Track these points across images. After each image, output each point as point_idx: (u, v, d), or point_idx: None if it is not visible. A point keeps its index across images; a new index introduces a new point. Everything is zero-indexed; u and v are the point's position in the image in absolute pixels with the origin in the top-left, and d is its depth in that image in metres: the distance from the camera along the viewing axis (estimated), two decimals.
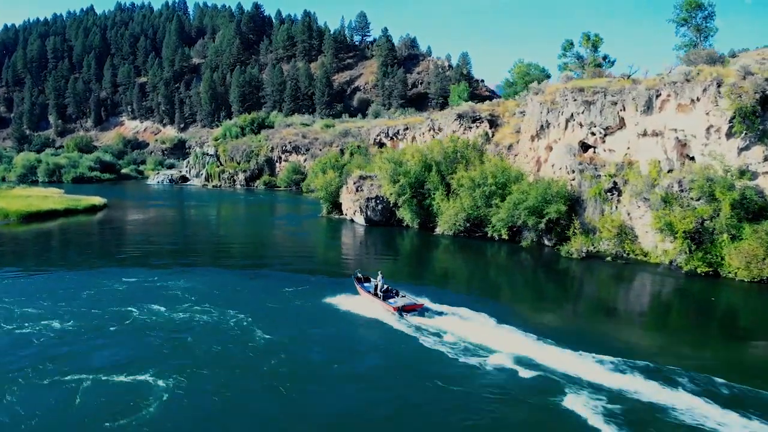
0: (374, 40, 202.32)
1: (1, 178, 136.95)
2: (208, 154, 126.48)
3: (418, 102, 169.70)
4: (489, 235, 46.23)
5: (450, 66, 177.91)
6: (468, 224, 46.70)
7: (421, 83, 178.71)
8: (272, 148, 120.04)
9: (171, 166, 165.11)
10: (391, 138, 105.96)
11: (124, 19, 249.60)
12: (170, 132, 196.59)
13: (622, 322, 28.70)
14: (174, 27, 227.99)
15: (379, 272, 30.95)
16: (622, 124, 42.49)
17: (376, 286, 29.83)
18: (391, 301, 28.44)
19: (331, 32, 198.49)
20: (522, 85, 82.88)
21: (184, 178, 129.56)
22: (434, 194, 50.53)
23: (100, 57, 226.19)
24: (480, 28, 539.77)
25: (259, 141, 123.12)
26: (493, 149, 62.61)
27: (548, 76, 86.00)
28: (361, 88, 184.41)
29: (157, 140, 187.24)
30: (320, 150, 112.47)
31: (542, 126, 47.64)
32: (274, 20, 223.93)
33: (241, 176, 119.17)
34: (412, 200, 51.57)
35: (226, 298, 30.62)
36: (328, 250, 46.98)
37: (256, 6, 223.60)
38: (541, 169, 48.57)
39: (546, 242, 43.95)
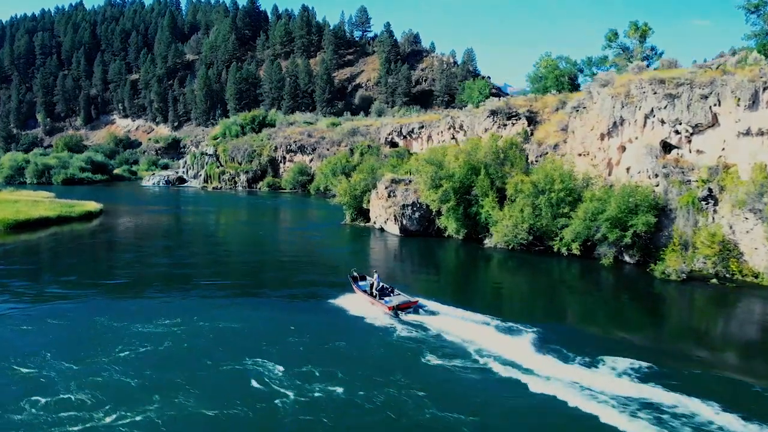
0: (375, 35, 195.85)
1: None
2: (206, 154, 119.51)
3: (423, 99, 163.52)
4: (555, 249, 39.79)
5: (455, 62, 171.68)
6: (531, 237, 40.19)
7: (426, 80, 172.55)
8: (275, 148, 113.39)
9: (165, 167, 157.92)
10: (404, 137, 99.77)
11: (115, 14, 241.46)
12: (164, 131, 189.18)
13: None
14: (166, 22, 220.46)
15: (374, 271, 30.74)
16: (714, 121, 36.25)
17: (372, 285, 29.53)
18: (386, 299, 28.16)
19: (331, 27, 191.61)
20: (553, 80, 76.52)
21: (182, 180, 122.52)
22: (483, 201, 44.08)
23: (89, 53, 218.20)
24: (483, 24, 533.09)
25: (261, 140, 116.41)
26: (535, 149, 56.39)
27: (581, 71, 79.80)
28: (363, 85, 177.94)
29: (150, 139, 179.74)
30: (327, 150, 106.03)
31: (615, 123, 41.27)
32: (270, 15, 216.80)
33: (242, 178, 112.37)
34: (458, 208, 45.07)
35: (248, 338, 24.52)
36: (365, 268, 40.23)
37: (252, 1, 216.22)
38: (613, 172, 42.25)
39: (627, 259, 37.57)
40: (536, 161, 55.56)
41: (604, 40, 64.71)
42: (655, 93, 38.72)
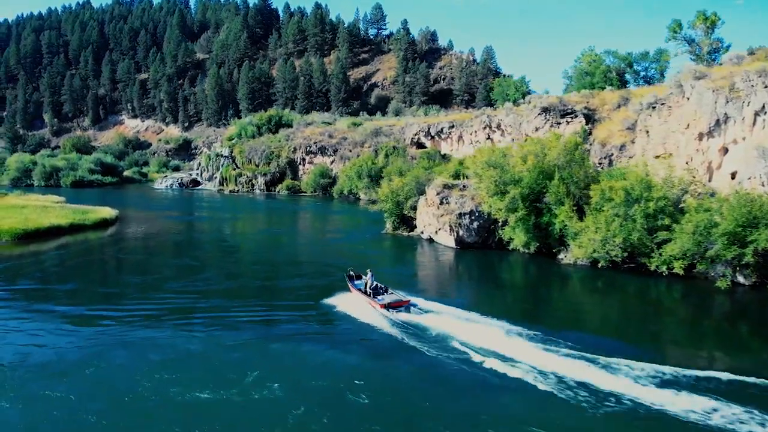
0: (391, 33, 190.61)
1: None
2: (222, 156, 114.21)
3: (441, 99, 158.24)
4: (651, 268, 34.15)
5: (474, 61, 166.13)
6: (625, 252, 34.49)
7: (444, 79, 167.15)
8: (294, 149, 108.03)
9: (176, 168, 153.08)
10: (432, 137, 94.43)
11: (123, 12, 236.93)
12: (174, 131, 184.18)
13: None
14: (175, 21, 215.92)
15: (369, 270, 30.71)
16: None
17: (366, 284, 29.96)
18: (379, 298, 28.64)
19: (346, 25, 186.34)
20: (600, 76, 71.00)
21: (195, 182, 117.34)
22: (557, 210, 38.52)
23: (97, 52, 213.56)
24: (501, 21, 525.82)
25: (279, 141, 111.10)
26: (598, 150, 50.92)
27: (630, 65, 74.27)
28: (379, 84, 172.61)
29: (160, 140, 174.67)
30: (350, 151, 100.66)
31: (718, 121, 35.66)
32: (281, 13, 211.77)
33: (260, 180, 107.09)
34: (528, 218, 39.50)
35: (286, 372, 19.94)
36: (427, 290, 34.48)
37: None
38: (714, 177, 36.64)
39: (741, 280, 31.93)
40: (600, 164, 50.13)
41: (667, 32, 58.94)
42: (766, 87, 33.14)
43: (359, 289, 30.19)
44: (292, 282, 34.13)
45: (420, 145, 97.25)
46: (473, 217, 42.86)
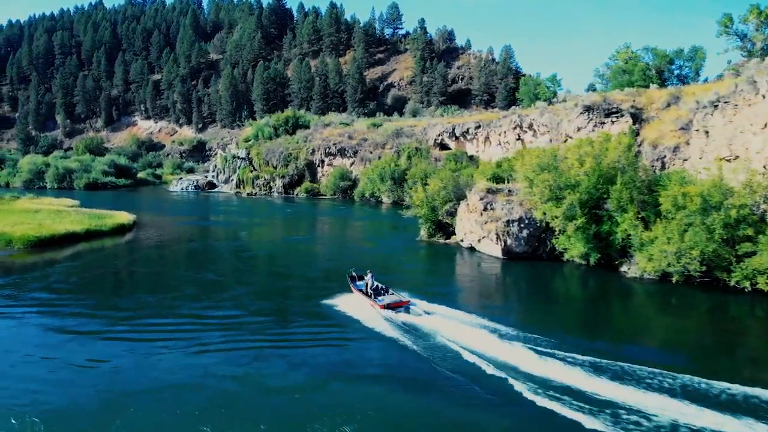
0: (407, 33, 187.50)
1: (4, 183, 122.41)
2: (238, 158, 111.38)
3: (460, 99, 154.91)
4: (731, 283, 30.72)
5: (493, 60, 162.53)
6: (703, 266, 31.04)
7: (462, 78, 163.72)
8: (313, 151, 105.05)
9: (191, 170, 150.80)
10: (457, 138, 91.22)
11: (136, 13, 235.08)
12: (187, 133, 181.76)
13: None
14: (188, 21, 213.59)
15: (368, 271, 30.87)
16: None
17: (367, 284, 30.13)
18: (379, 298, 28.71)
19: (361, 25, 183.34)
20: (639, 74, 67.51)
21: (211, 185, 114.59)
22: (620, 217, 35.14)
23: (110, 53, 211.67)
24: (519, 20, 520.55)
25: (297, 143, 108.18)
26: (650, 152, 47.43)
27: (671, 62, 70.75)
28: (396, 84, 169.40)
29: (174, 141, 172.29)
30: (370, 152, 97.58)
31: None
32: (296, 13, 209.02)
33: (278, 182, 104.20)
34: (589, 226, 36.10)
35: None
36: (476, 306, 31.02)
37: None
38: None
39: None
40: (652, 166, 46.60)
41: (718, 26, 55.41)
42: None
43: (360, 290, 30.42)
44: (327, 299, 30.76)
45: (443, 147, 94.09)
46: (522, 225, 39.49)
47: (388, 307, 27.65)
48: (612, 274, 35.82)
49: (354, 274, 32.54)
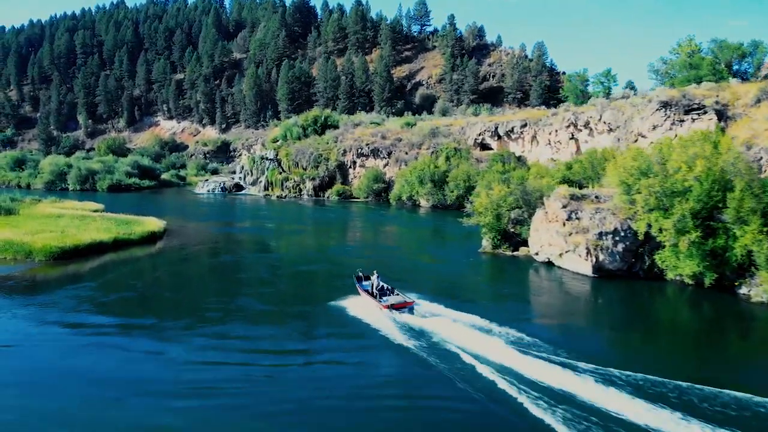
0: (435, 30, 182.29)
1: (25, 185, 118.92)
2: (267, 159, 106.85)
3: (491, 97, 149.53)
4: None
5: (526, 57, 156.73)
6: None
7: (494, 76, 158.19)
8: (344, 151, 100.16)
9: (215, 171, 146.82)
10: (499, 137, 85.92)
11: (157, 12, 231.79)
12: (211, 133, 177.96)
13: None
14: (211, 20, 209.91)
15: (374, 271, 30.81)
16: None
17: (373, 285, 30.13)
18: (383, 299, 28.67)
19: (388, 22, 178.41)
20: (708, 68, 61.78)
21: (239, 186, 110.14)
22: (739, 230, 29.74)
23: (132, 52, 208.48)
24: (549, 16, 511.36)
25: (327, 143, 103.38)
26: (743, 153, 41.84)
27: (743, 56, 65.02)
28: (424, 82, 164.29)
29: (198, 142, 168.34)
30: (406, 153, 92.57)
31: None
32: (319, 11, 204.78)
33: (308, 185, 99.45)
34: (706, 241, 30.67)
35: None
36: (576, 337, 25.77)
37: None
38: None
39: None
40: None
41: None
42: None
43: (366, 290, 30.42)
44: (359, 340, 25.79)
45: (484, 146, 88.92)
46: (618, 238, 34.10)
47: (391, 307, 27.58)
48: (728, 298, 30.46)
49: (360, 274, 32.59)
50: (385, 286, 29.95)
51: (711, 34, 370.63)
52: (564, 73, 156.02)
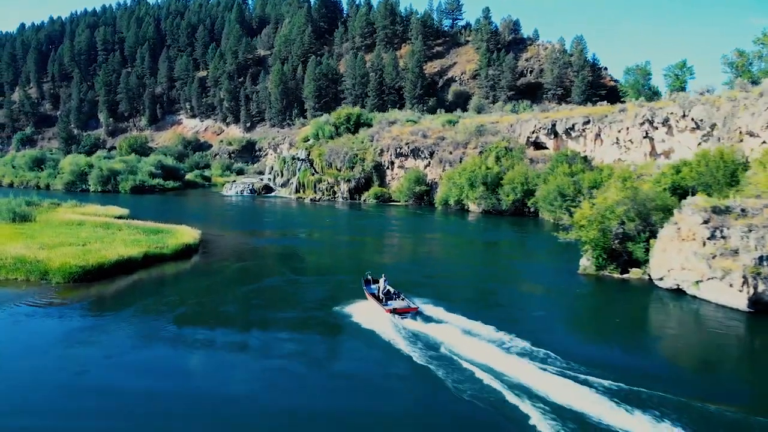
0: (467, 24, 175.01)
1: (44, 186, 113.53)
2: (298, 159, 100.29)
3: (529, 94, 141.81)
4: None
5: (565, 51, 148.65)
6: None
7: (531, 71, 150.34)
8: (381, 151, 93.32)
9: (240, 171, 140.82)
10: (556, 136, 78.55)
11: (179, 8, 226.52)
12: (235, 132, 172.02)
13: None
14: (234, 16, 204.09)
15: (383, 275, 30.41)
16: None
17: (379, 288, 29.76)
18: (388, 303, 28.20)
19: (419, 16, 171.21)
20: None
21: (268, 188, 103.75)
22: None
23: (154, 49, 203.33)
24: (585, 10, 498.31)
25: (362, 142, 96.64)
26: None
27: None
28: (457, 78, 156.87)
29: (222, 141, 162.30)
30: (450, 153, 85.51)
31: None
32: (345, 6, 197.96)
33: (343, 187, 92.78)
34: None
35: None
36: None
37: None
38: None
39: None
40: None
41: None
42: None
43: (372, 294, 30.05)
44: None
45: (538, 145, 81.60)
46: None
47: (394, 311, 27.12)
48: None
49: (369, 277, 32.18)
50: (392, 290, 29.60)
51: (732, 33, 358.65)
52: (605, 68, 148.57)
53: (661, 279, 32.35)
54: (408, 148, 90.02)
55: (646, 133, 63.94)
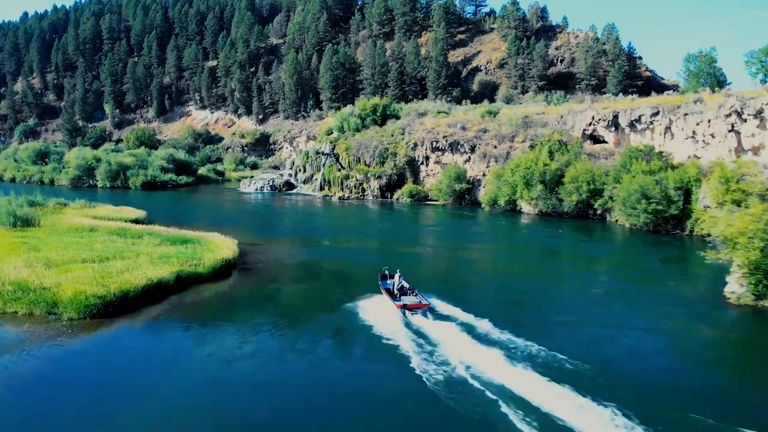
0: (492, 11, 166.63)
1: (49, 181, 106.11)
2: (323, 153, 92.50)
3: (559, 84, 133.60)
4: None
5: (597, 39, 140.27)
6: None
7: (562, 61, 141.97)
8: (415, 145, 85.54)
9: (254, 166, 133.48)
10: (617, 129, 70.76)
11: None
12: (247, 124, 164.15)
13: None
14: (244, 4, 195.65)
15: (398, 270, 30.34)
16: None
17: (394, 284, 29.74)
18: (401, 298, 28.32)
19: (441, 2, 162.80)
20: None
21: (289, 185, 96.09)
22: None
23: (162, 38, 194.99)
24: None
25: (392, 135, 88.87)
26: None
27: None
28: (482, 68, 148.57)
29: (234, 134, 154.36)
30: (495, 147, 77.64)
31: None
32: None
33: (374, 184, 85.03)
34: None
35: None
36: None
37: None
38: None
39: None
40: None
41: None
42: None
43: (387, 289, 29.96)
44: None
45: (596, 140, 73.76)
46: None
47: (405, 307, 27.11)
48: None
49: (386, 272, 31.93)
50: (406, 285, 29.66)
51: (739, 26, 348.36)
52: (640, 58, 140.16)
53: None
54: (446, 141, 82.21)
55: (732, 126, 56.01)
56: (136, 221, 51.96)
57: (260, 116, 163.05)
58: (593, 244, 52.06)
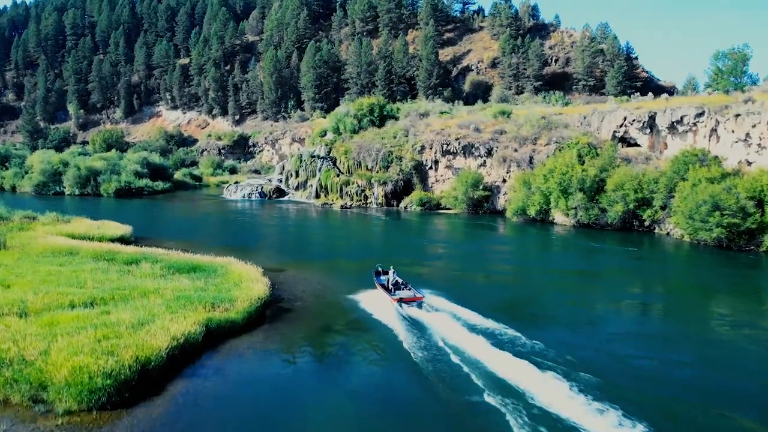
0: (480, 9, 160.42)
1: (10, 187, 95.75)
2: (318, 157, 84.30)
3: (555, 84, 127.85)
4: None
5: (592, 39, 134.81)
6: None
7: (556, 60, 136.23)
8: (422, 148, 78.09)
9: (233, 170, 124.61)
10: (652, 132, 64.30)
11: None
12: (222, 125, 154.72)
13: None
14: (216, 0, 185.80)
15: (391, 267, 31.60)
16: None
17: (389, 280, 30.58)
18: (396, 292, 28.91)
19: None
20: None
21: (280, 191, 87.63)
22: None
23: (129, 34, 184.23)
24: None
25: (395, 137, 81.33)
26: None
27: None
28: (473, 67, 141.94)
29: (210, 135, 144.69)
30: (515, 150, 70.79)
31: None
32: None
33: (377, 191, 77.23)
34: None
35: None
36: None
37: None
38: None
39: None
40: None
41: None
42: None
43: (382, 285, 30.69)
44: None
45: (628, 143, 67.22)
46: None
47: (401, 301, 27.70)
48: None
49: (380, 269, 32.80)
50: (400, 281, 30.40)
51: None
52: (636, 57, 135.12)
53: None
54: (459, 144, 74.87)
55: None
56: (122, 239, 43.24)
57: (236, 117, 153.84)
58: (667, 266, 45.04)
